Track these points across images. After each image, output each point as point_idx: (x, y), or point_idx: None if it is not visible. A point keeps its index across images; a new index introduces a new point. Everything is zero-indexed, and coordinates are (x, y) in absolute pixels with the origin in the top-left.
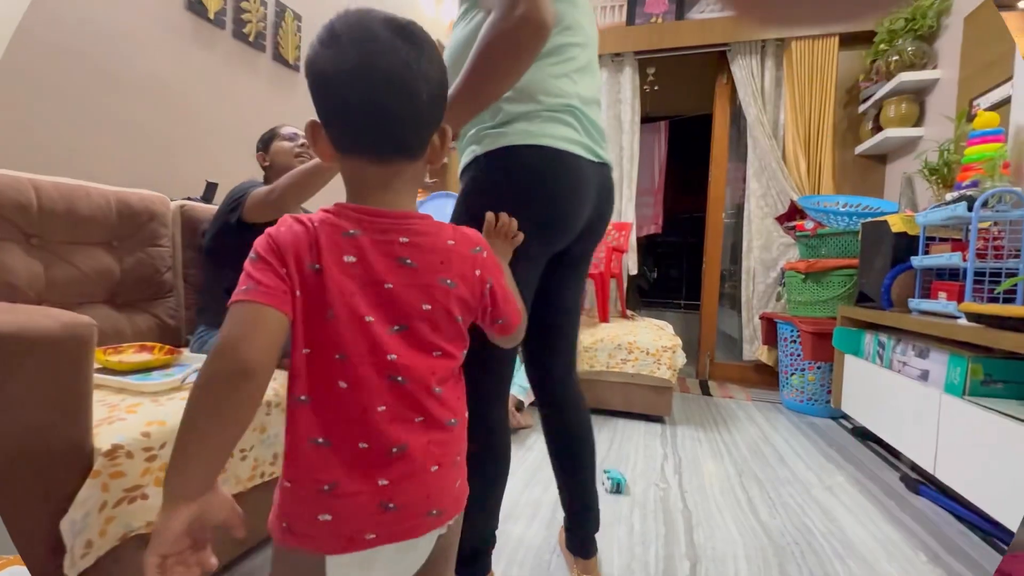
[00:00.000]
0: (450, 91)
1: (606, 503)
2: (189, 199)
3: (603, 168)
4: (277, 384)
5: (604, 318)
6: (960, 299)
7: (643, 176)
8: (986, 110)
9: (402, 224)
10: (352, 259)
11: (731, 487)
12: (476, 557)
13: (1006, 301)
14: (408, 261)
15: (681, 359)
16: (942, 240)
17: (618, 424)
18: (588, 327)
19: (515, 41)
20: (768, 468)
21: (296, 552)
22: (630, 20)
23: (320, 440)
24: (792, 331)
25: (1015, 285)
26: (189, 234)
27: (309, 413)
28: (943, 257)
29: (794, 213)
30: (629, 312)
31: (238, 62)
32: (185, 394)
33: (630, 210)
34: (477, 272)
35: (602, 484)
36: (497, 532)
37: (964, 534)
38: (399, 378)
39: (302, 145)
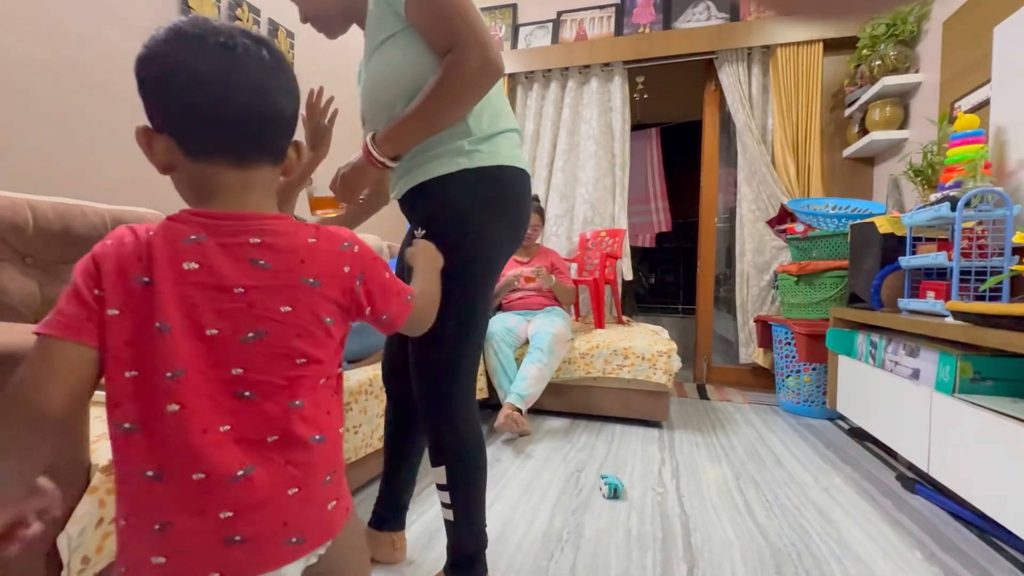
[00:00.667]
0: (402, 116)
1: (603, 508)
2: None
3: None
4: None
5: (600, 324)
6: (947, 298)
7: (636, 185)
8: (966, 112)
9: (253, 224)
10: (194, 266)
11: (728, 490)
12: (473, 562)
13: (992, 299)
14: (262, 262)
15: (676, 364)
16: (928, 240)
17: (615, 430)
18: (584, 333)
19: (478, 82)
20: (765, 470)
21: None
22: (618, 31)
23: (150, 473)
24: (787, 333)
25: (999, 283)
26: None
27: (138, 442)
28: (929, 257)
29: (785, 216)
30: (625, 318)
31: None
32: None
33: (623, 217)
34: (346, 268)
35: (599, 490)
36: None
37: (959, 531)
38: (247, 393)
39: None
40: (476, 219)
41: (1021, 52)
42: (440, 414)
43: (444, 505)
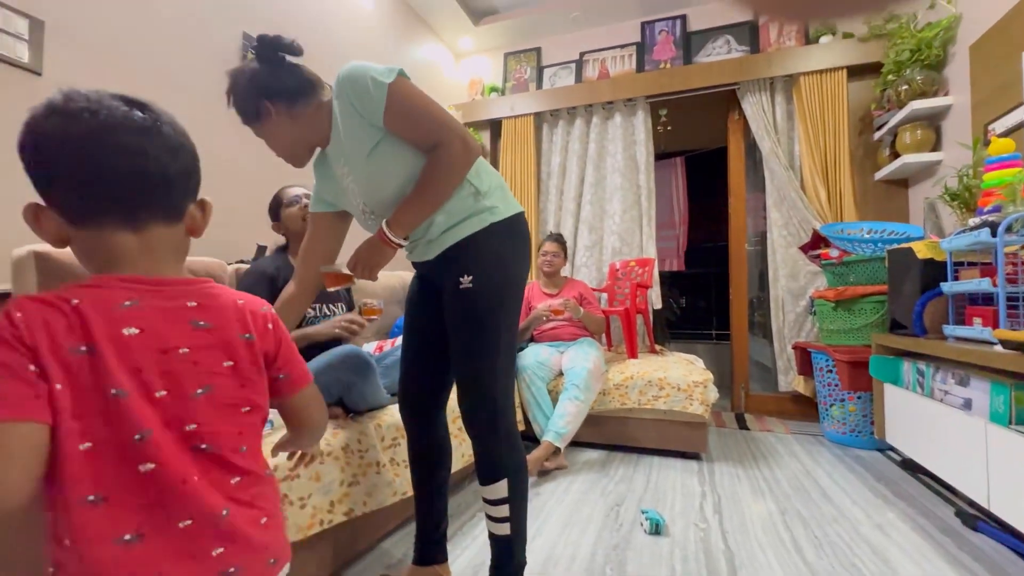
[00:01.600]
0: (408, 202)
1: (645, 544)
2: (242, 261)
3: None
4: (329, 434)
5: (632, 354)
6: (995, 324)
7: (662, 211)
8: (1000, 135)
9: (188, 288)
10: (135, 331)
11: (774, 526)
12: None
13: None
14: (202, 323)
15: (713, 394)
16: (971, 264)
17: (653, 462)
18: (617, 364)
19: (466, 163)
20: (812, 505)
21: None
22: (639, 67)
23: (128, 537)
24: (827, 360)
25: None
26: None
27: (108, 512)
28: (973, 283)
29: (818, 242)
30: (657, 347)
31: None
32: None
33: (651, 247)
34: (269, 326)
35: (640, 525)
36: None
37: None
38: (203, 446)
39: (305, 207)
40: (510, 261)
41: None
42: (498, 431)
43: (497, 520)
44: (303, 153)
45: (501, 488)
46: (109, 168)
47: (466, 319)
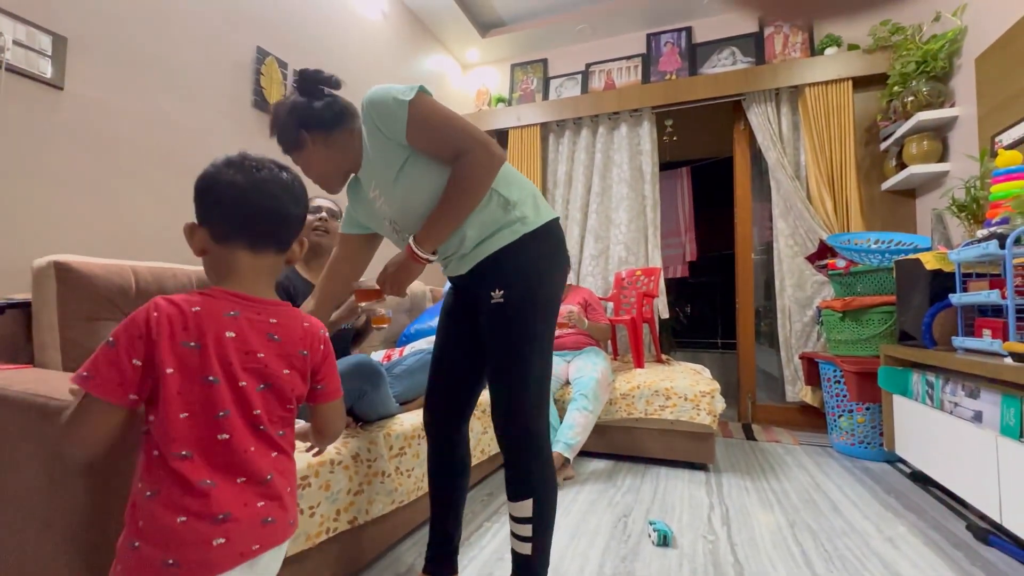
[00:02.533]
0: (435, 216)
1: (653, 556)
2: None
3: None
4: (340, 443)
5: (639, 364)
6: (1005, 337)
7: (667, 220)
8: (1007, 147)
9: (271, 308)
10: (232, 335)
11: (783, 539)
12: None
13: None
14: (275, 337)
15: (720, 404)
16: (979, 276)
17: (661, 473)
18: (624, 373)
19: (490, 173)
20: (822, 518)
21: None
22: (645, 79)
23: (208, 482)
24: (835, 371)
25: None
26: None
27: (195, 464)
28: (982, 295)
29: (825, 251)
30: (664, 356)
31: None
32: None
33: (657, 256)
34: (322, 347)
35: (648, 536)
36: None
37: None
38: (261, 427)
39: (322, 219)
40: (543, 271)
41: None
42: (529, 448)
43: (520, 539)
44: (338, 179)
45: (527, 507)
46: (255, 208)
47: (498, 333)
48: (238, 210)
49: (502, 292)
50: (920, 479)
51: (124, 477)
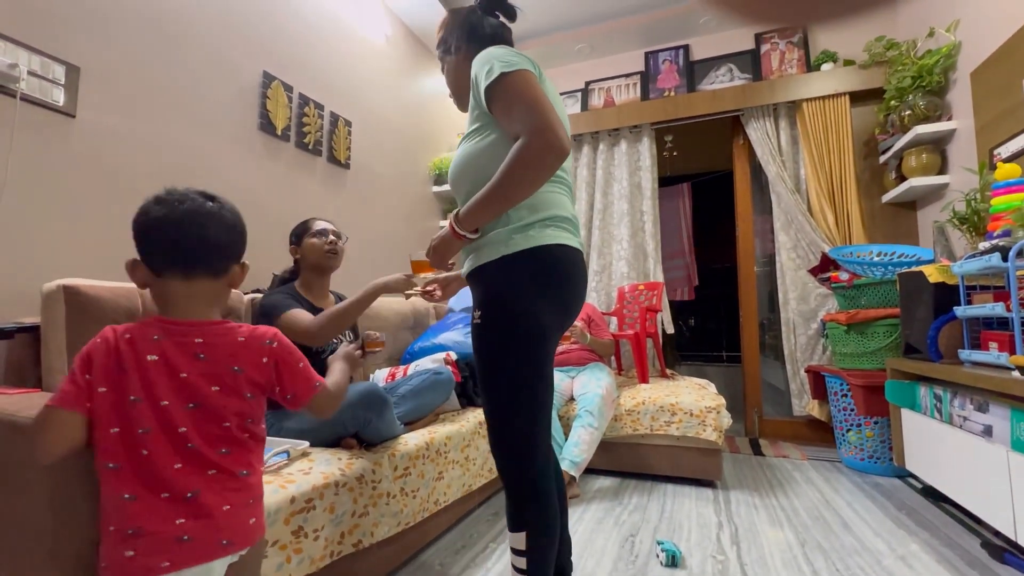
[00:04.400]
0: (479, 194)
1: None
2: (258, 291)
3: (583, 256)
4: (344, 464)
5: (644, 379)
6: (1011, 349)
7: (671, 239)
8: (1005, 160)
9: (200, 328)
10: (155, 357)
11: (794, 558)
12: None
13: None
14: (201, 355)
15: (727, 420)
16: (983, 288)
17: (667, 490)
18: (628, 388)
19: (542, 164)
20: (832, 536)
21: None
22: (644, 96)
23: (127, 496)
24: (841, 384)
25: None
26: (255, 322)
27: (119, 476)
28: (987, 307)
29: (827, 264)
30: (669, 371)
31: (299, 167)
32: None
33: (658, 271)
34: (264, 359)
35: (656, 556)
36: None
37: None
38: (189, 444)
39: (331, 243)
40: (519, 298)
41: None
42: (512, 481)
43: (519, 571)
44: (467, 100)
45: (521, 539)
46: (179, 239)
47: (476, 356)
48: (166, 242)
49: (479, 313)
50: (932, 495)
51: None
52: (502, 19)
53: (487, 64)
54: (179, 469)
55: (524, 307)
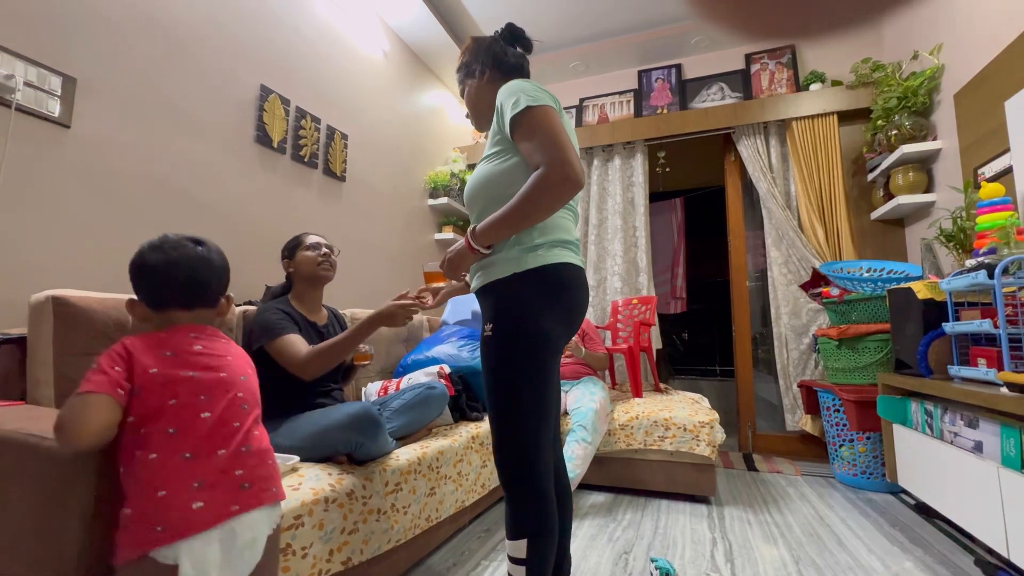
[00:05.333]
0: (497, 213)
1: None
2: (250, 303)
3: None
4: (334, 480)
5: (637, 393)
6: (1000, 365)
7: (664, 254)
8: (989, 180)
9: (216, 332)
10: (200, 347)
11: None
12: None
13: None
14: (232, 349)
15: (720, 435)
16: (971, 304)
17: (661, 506)
18: (622, 403)
19: (559, 193)
20: (827, 553)
21: (156, 557)
22: (637, 113)
23: (187, 455)
24: (834, 400)
25: None
26: (248, 335)
27: (177, 439)
28: (974, 324)
29: (818, 280)
30: (663, 385)
31: (295, 179)
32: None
33: (651, 286)
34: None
35: (650, 574)
36: None
37: None
38: (243, 406)
39: (324, 255)
40: (528, 312)
41: None
42: (514, 489)
43: None
44: (485, 119)
45: (520, 548)
46: (179, 280)
47: (485, 367)
48: (164, 284)
49: (491, 326)
50: (925, 511)
51: (114, 521)
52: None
53: (514, 95)
54: (236, 427)
55: (532, 320)
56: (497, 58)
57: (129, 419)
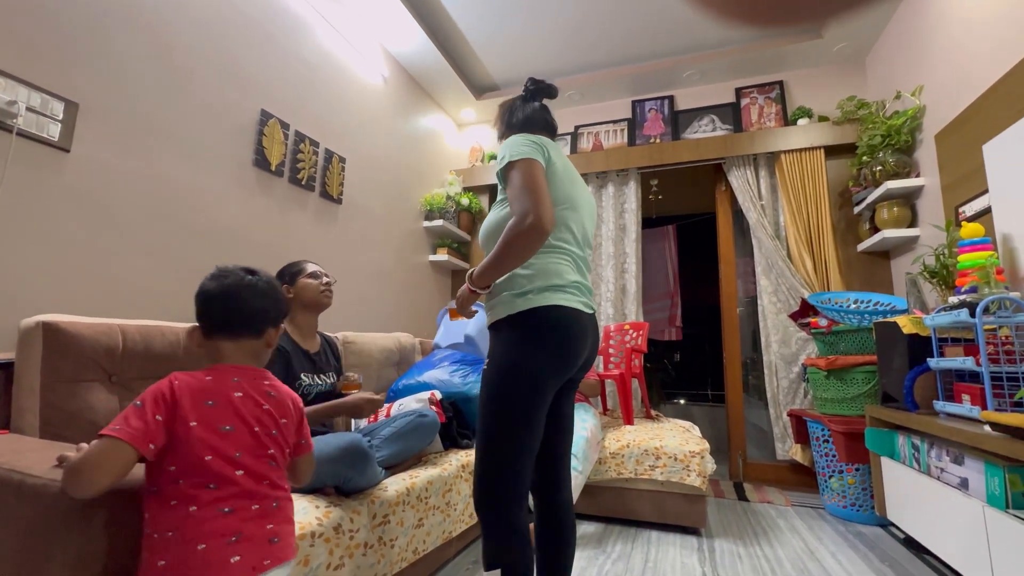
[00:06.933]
0: (485, 259)
1: None
2: None
3: (593, 316)
4: (321, 513)
5: (628, 421)
6: (983, 404)
7: (658, 281)
8: (969, 218)
9: (260, 373)
10: (240, 394)
11: None
12: None
13: None
14: (272, 393)
15: (710, 465)
16: (955, 341)
17: (651, 537)
18: (613, 430)
19: (526, 240)
20: None
21: None
22: (631, 141)
23: (226, 509)
24: (823, 430)
25: None
26: None
27: (217, 494)
28: (958, 361)
29: (807, 310)
30: (654, 412)
31: (292, 202)
32: None
33: (639, 313)
34: (300, 406)
35: None
36: None
37: None
38: (272, 463)
39: (326, 283)
40: (517, 352)
41: (1012, 167)
42: (489, 521)
43: None
44: None
45: None
46: (225, 310)
47: (479, 399)
48: (208, 312)
49: (488, 361)
50: (914, 546)
51: (98, 561)
52: (544, 101)
53: (504, 150)
54: (267, 484)
55: (521, 359)
56: (507, 121)
57: (170, 468)
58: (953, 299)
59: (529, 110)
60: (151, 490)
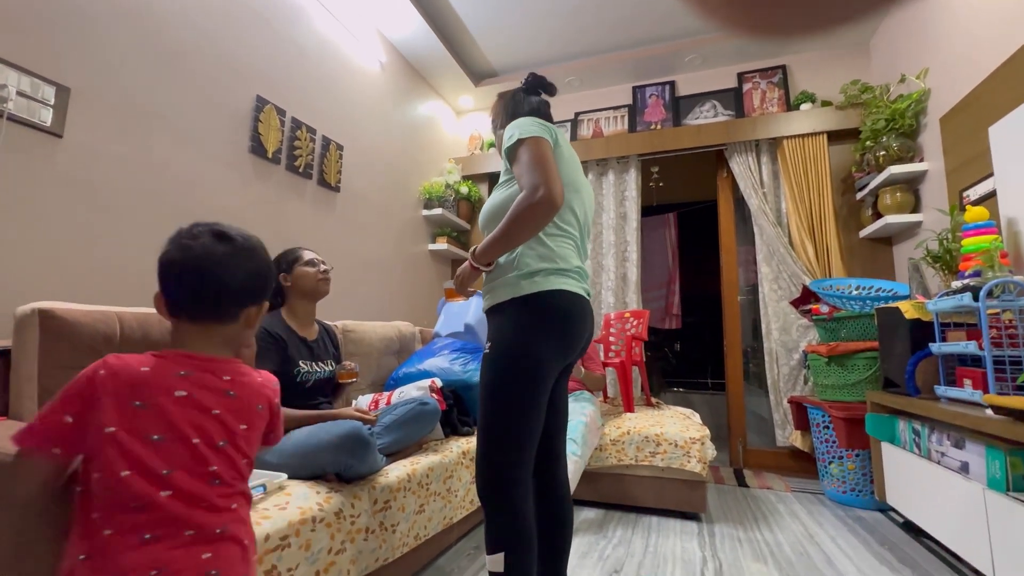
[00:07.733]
0: (490, 235)
1: None
2: None
3: (590, 302)
4: (322, 499)
5: (629, 408)
6: (985, 387)
7: (658, 270)
8: (974, 202)
9: (223, 366)
10: (183, 393)
11: None
12: None
13: None
14: (231, 393)
15: (711, 451)
16: (957, 326)
17: (652, 523)
18: (614, 418)
19: (536, 213)
20: (816, 572)
21: None
22: (631, 128)
23: (148, 536)
24: (823, 416)
25: None
26: None
27: (136, 518)
28: (960, 345)
29: (808, 296)
30: (654, 400)
31: (289, 189)
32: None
33: (639, 300)
34: (276, 400)
35: None
36: None
37: None
38: (217, 481)
39: (324, 271)
40: (522, 335)
41: (1017, 149)
42: (492, 501)
43: None
44: None
45: (499, 561)
46: (181, 284)
47: (481, 384)
48: (172, 290)
49: (490, 345)
50: (912, 529)
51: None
52: (543, 96)
53: (512, 130)
54: (204, 507)
55: (525, 344)
56: (511, 111)
57: (94, 475)
58: (956, 283)
59: (535, 102)
60: (77, 489)
